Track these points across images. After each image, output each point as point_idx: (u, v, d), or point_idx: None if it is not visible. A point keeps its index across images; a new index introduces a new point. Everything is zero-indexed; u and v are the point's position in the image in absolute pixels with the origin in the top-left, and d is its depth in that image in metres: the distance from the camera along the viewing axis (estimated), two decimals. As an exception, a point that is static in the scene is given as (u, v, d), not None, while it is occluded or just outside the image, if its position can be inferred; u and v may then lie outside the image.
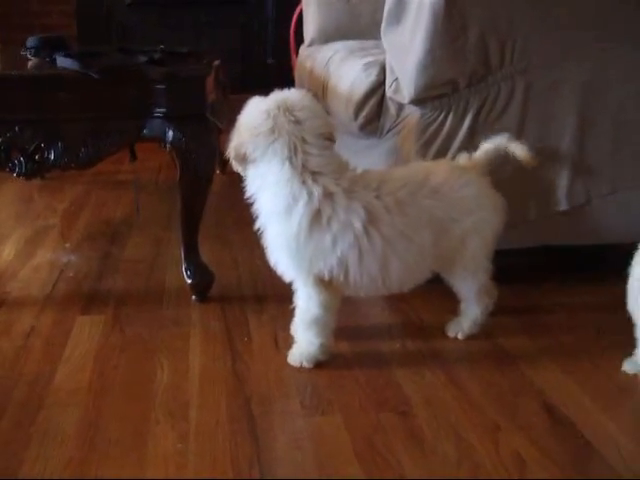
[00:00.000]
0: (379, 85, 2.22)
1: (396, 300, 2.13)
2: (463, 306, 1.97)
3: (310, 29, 3.45)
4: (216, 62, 2.16)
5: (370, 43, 2.79)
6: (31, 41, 2.39)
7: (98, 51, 2.15)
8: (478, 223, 1.86)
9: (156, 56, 2.07)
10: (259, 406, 1.62)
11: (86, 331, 1.95)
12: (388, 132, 2.24)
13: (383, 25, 2.16)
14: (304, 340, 1.80)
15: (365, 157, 2.41)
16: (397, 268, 1.77)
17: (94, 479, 1.39)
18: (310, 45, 3.41)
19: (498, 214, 1.90)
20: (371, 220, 1.71)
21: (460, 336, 1.95)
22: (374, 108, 2.24)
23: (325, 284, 1.76)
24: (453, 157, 2.03)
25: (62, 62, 2.05)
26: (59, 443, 1.49)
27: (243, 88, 4.53)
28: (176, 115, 1.93)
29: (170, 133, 1.93)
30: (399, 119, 2.19)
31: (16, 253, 2.58)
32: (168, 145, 1.94)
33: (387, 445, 1.49)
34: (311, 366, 1.77)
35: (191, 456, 1.45)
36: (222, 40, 4.87)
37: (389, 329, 2.00)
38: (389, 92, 2.18)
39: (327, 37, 3.30)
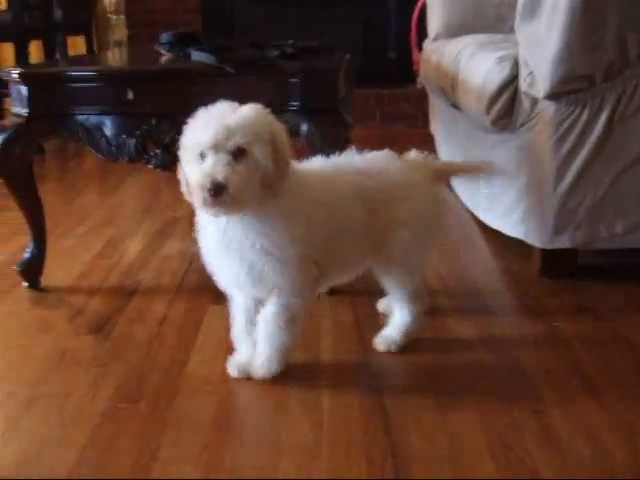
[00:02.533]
0: (512, 79, 2.19)
1: (530, 299, 2.11)
2: (395, 314, 1.85)
3: (435, 24, 3.45)
4: (347, 56, 2.17)
5: (499, 37, 2.76)
6: (165, 37, 2.45)
7: (231, 45, 2.19)
8: (409, 213, 1.74)
9: (288, 50, 2.09)
10: (392, 400, 1.62)
11: (217, 321, 1.98)
12: (521, 127, 2.20)
13: (517, 18, 2.14)
14: (278, 346, 1.69)
15: (496, 152, 2.39)
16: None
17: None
18: (435, 40, 3.40)
19: (433, 210, 1.81)
20: None
21: (394, 349, 1.82)
22: (507, 102, 2.21)
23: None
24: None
25: (197, 56, 2.09)
26: (194, 429, 1.52)
27: (365, 83, 4.55)
28: (310, 108, 1.94)
29: (304, 126, 1.94)
30: (533, 114, 2.15)
31: (146, 243, 2.66)
32: (302, 138, 1.95)
33: (521, 444, 1.46)
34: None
35: (325, 447, 1.46)
36: (343, 34, 4.88)
37: (522, 329, 1.97)
38: (523, 86, 2.15)
39: (452, 32, 3.28)
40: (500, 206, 2.40)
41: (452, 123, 3.08)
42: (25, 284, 2.28)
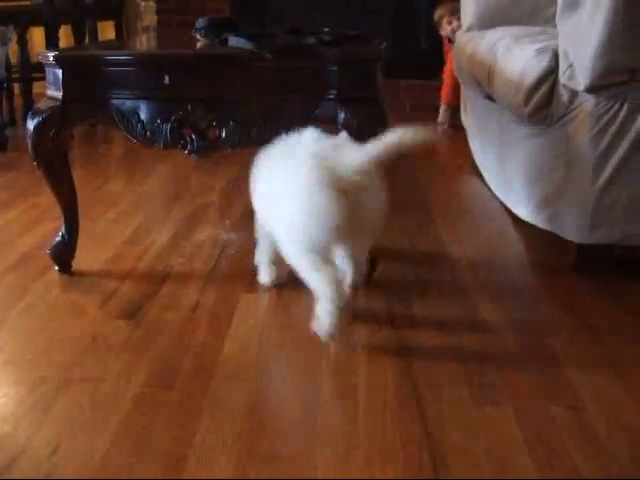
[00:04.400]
0: (551, 71, 2.17)
1: (565, 294, 2.09)
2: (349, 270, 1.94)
3: (469, 14, 3.42)
4: (383, 45, 2.15)
5: (536, 29, 2.74)
6: (201, 22, 2.43)
7: (269, 32, 2.17)
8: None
9: (327, 38, 2.07)
10: (427, 391, 1.60)
11: (251, 308, 1.98)
12: (559, 120, 2.17)
13: (559, 10, 2.11)
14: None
15: (532, 145, 2.37)
16: None
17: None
18: (469, 30, 3.37)
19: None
20: None
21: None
22: (545, 95, 2.18)
23: None
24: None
25: (235, 42, 2.07)
26: (230, 416, 1.52)
27: (396, 74, 4.53)
28: (349, 97, 1.93)
29: (342, 115, 1.92)
30: (571, 107, 2.12)
31: (177, 229, 2.65)
32: (340, 127, 1.93)
33: (558, 439, 1.45)
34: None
35: (361, 438, 1.45)
36: (374, 25, 4.87)
37: (557, 324, 1.95)
38: (563, 79, 2.12)
39: (486, 23, 3.27)
40: (535, 199, 2.38)
41: (485, 115, 3.06)
42: (56, 268, 2.27)
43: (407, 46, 5.02)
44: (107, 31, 5.36)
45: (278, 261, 1.98)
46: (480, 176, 3.20)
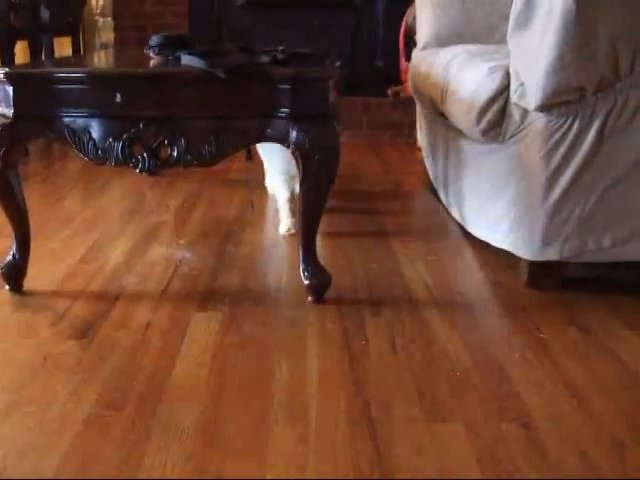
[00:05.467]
0: (503, 90, 2.18)
1: (517, 311, 2.11)
2: None
3: (424, 33, 3.44)
4: (337, 64, 2.16)
5: (491, 47, 2.76)
6: (154, 39, 2.42)
7: (222, 50, 2.17)
8: None
9: (279, 56, 2.08)
10: (378, 410, 1.60)
11: (203, 328, 1.97)
12: (511, 138, 2.19)
13: (510, 29, 2.13)
14: None
15: (484, 163, 2.38)
16: None
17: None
18: (424, 49, 3.39)
19: None
20: None
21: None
22: (498, 113, 2.20)
23: None
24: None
25: (187, 60, 2.06)
26: (179, 437, 1.50)
27: (352, 91, 4.54)
28: (300, 116, 1.93)
29: (294, 134, 1.93)
30: (523, 125, 2.14)
31: (131, 248, 2.63)
32: (291, 146, 1.94)
33: (510, 456, 1.45)
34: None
35: (311, 457, 1.44)
36: (332, 42, 4.88)
37: (509, 341, 1.96)
38: (514, 97, 2.14)
39: (441, 41, 3.29)
40: (488, 217, 2.40)
41: (440, 133, 3.07)
42: (7, 287, 2.24)
43: (365, 63, 5.04)
44: (64, 47, 5.32)
45: None
46: (435, 193, 3.22)
